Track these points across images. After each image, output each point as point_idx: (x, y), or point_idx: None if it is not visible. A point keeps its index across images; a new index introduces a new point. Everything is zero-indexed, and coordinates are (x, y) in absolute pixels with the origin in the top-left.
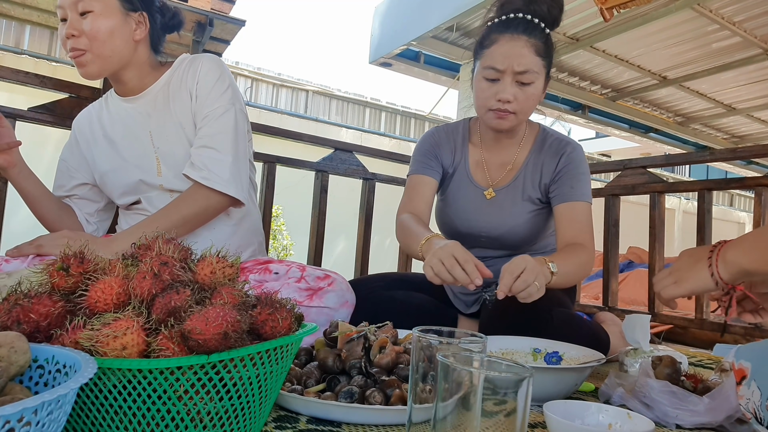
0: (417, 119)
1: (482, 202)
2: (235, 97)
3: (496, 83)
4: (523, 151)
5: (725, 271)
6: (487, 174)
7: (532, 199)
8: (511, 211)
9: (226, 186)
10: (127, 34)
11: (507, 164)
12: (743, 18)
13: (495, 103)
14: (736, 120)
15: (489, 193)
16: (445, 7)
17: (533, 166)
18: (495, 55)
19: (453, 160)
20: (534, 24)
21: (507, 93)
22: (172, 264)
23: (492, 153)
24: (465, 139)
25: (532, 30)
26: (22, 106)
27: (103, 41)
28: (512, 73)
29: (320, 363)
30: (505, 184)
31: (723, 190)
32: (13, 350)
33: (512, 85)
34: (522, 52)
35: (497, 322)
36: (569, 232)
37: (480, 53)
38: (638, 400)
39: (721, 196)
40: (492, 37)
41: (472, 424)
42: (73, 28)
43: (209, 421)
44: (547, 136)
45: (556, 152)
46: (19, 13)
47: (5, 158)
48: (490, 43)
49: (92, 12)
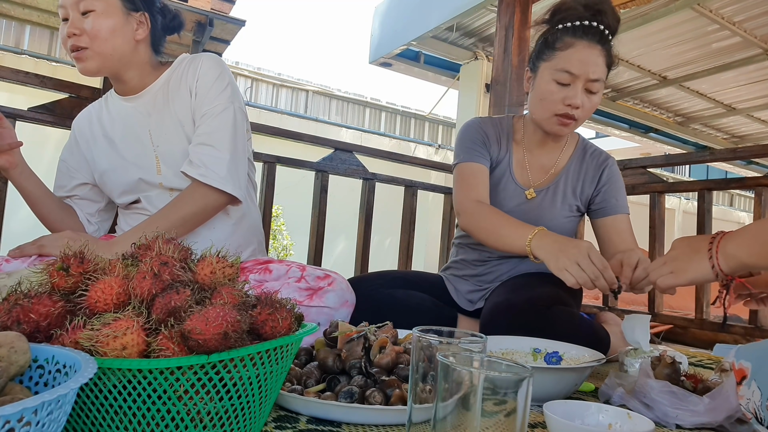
0: (417, 119)
1: (522, 201)
2: (234, 96)
3: (566, 88)
4: (564, 157)
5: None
6: (528, 174)
7: (570, 206)
8: (549, 213)
9: (223, 183)
10: (128, 33)
11: (548, 167)
12: (743, 18)
13: (563, 107)
14: (736, 120)
15: (530, 193)
16: (445, 7)
17: (574, 174)
18: (572, 60)
19: (498, 155)
20: (605, 35)
21: (577, 99)
22: (172, 264)
23: (534, 154)
24: (510, 136)
25: (605, 41)
26: (22, 106)
27: (105, 40)
28: (585, 80)
29: (320, 363)
30: (546, 186)
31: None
32: (13, 350)
33: (582, 92)
34: (597, 61)
35: (499, 320)
36: (622, 242)
37: (549, 55)
38: (638, 400)
39: (721, 196)
40: (566, 40)
41: (472, 424)
42: (74, 27)
43: (209, 421)
44: (587, 146)
45: (599, 165)
46: (19, 13)
47: (7, 159)
48: (564, 46)
49: (94, 11)
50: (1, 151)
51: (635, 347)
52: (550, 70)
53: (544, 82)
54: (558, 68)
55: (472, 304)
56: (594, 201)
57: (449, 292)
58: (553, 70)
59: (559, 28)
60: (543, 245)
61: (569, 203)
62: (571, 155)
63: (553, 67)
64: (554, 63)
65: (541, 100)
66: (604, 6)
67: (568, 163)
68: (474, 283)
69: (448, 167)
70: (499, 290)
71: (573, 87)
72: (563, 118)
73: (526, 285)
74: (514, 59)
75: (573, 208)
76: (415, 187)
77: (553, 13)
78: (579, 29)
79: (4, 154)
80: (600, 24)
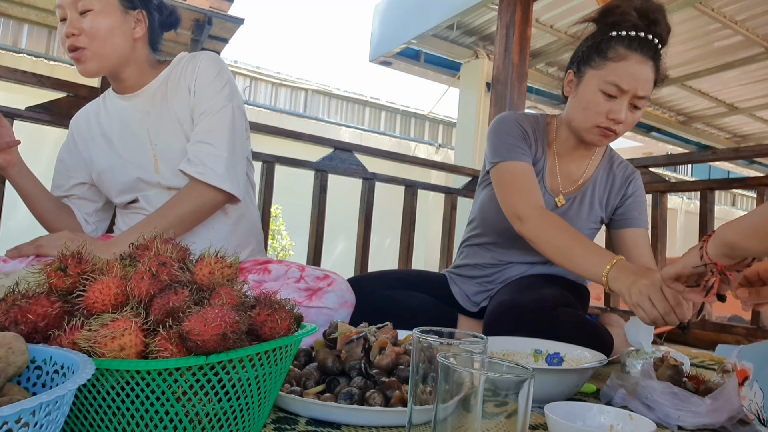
0: (417, 118)
1: (551, 207)
2: (232, 94)
3: (612, 100)
4: (593, 166)
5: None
6: (558, 180)
7: (596, 216)
8: (576, 223)
9: (220, 181)
10: (126, 32)
11: (577, 175)
12: (745, 17)
13: (606, 121)
14: (738, 119)
15: (560, 201)
16: (446, 6)
17: (602, 184)
18: (623, 74)
19: (535, 155)
20: (658, 49)
21: (622, 114)
22: (171, 264)
23: (564, 160)
24: (545, 137)
25: (657, 56)
26: (20, 105)
27: (103, 39)
28: (632, 95)
29: (320, 364)
30: (573, 195)
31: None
32: (11, 351)
33: (628, 107)
34: (648, 78)
35: (503, 320)
36: (639, 258)
37: (600, 63)
38: (640, 401)
39: (723, 196)
40: (620, 51)
41: (472, 426)
42: (73, 27)
43: (208, 422)
44: (614, 157)
45: (626, 177)
46: (17, 12)
47: (4, 157)
48: (618, 57)
49: (92, 10)
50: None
51: (637, 348)
52: (599, 80)
53: (590, 91)
54: (608, 80)
55: (475, 305)
56: (616, 212)
57: (452, 292)
58: (601, 81)
59: (612, 36)
60: (619, 278)
61: (595, 213)
62: (599, 165)
63: (602, 78)
64: (604, 73)
65: (584, 110)
66: (658, 16)
67: (595, 172)
68: (481, 283)
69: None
70: (504, 290)
71: (619, 101)
72: (605, 131)
73: (531, 285)
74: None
75: (598, 219)
76: (415, 187)
77: (604, 14)
78: (635, 41)
79: (2, 153)
80: (655, 37)
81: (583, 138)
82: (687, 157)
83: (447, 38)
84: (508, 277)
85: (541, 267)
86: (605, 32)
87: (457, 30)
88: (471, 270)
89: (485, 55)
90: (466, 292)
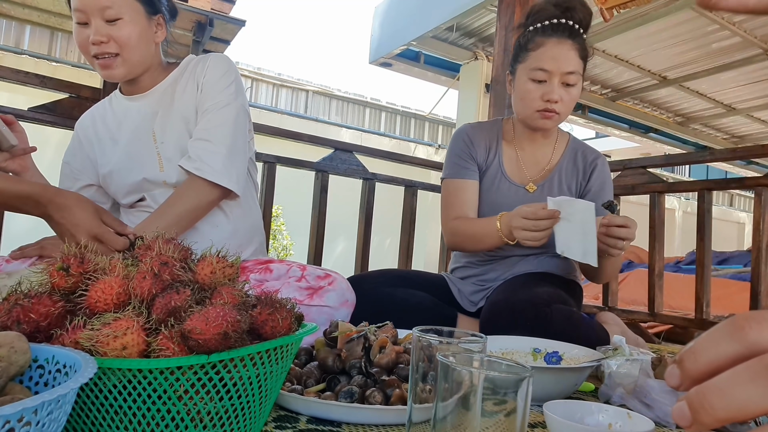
0: (417, 119)
1: (524, 196)
2: (238, 93)
3: (543, 85)
4: (557, 153)
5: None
6: (524, 171)
7: None
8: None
9: (218, 176)
10: (150, 37)
11: (543, 163)
12: (743, 18)
13: (542, 103)
14: (735, 120)
15: (531, 187)
16: (445, 7)
17: (568, 171)
18: (544, 58)
19: (487, 158)
20: (575, 29)
21: (555, 94)
22: (172, 264)
23: (527, 152)
24: (499, 138)
25: (576, 35)
26: (23, 106)
27: (135, 47)
28: (560, 74)
29: (320, 363)
30: (543, 181)
31: (723, 190)
32: (13, 350)
33: (559, 86)
34: (569, 55)
35: (498, 319)
36: None
37: (524, 56)
38: (638, 400)
39: (721, 196)
40: (537, 40)
41: (472, 424)
42: (101, 35)
43: (209, 421)
44: (578, 144)
45: (590, 163)
46: (20, 13)
47: (20, 164)
48: (535, 46)
49: (122, 19)
50: (15, 156)
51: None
52: (526, 70)
53: (522, 82)
54: (532, 67)
55: (474, 305)
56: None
57: (452, 292)
58: (528, 70)
59: (530, 30)
60: (504, 226)
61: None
62: (563, 153)
63: (528, 67)
64: (529, 63)
65: (522, 99)
66: (575, 3)
67: (561, 159)
68: (476, 283)
69: None
70: (499, 289)
71: (549, 83)
72: (544, 113)
73: (525, 284)
74: None
75: None
76: (415, 187)
77: (527, 16)
78: (548, 28)
79: (18, 159)
80: (569, 20)
81: (530, 125)
82: (685, 158)
83: (446, 40)
84: (500, 273)
85: (532, 260)
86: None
87: (456, 31)
88: (464, 270)
89: (484, 57)
90: (464, 291)
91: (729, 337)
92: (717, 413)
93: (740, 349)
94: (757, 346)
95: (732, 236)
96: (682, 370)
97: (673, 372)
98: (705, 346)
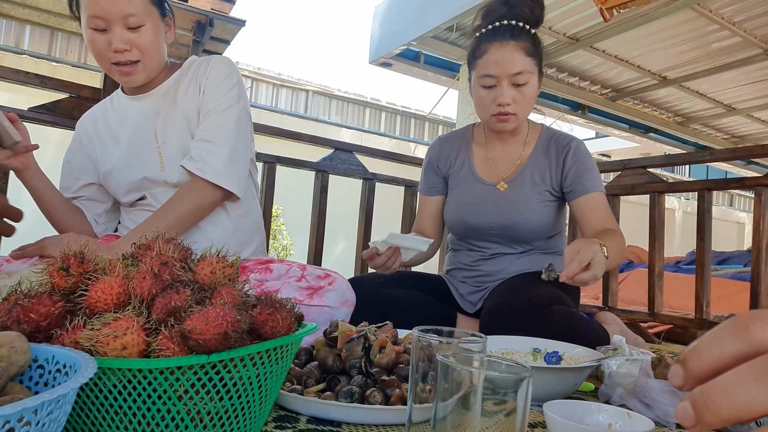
0: (417, 119)
1: (495, 194)
2: (240, 96)
3: (493, 89)
4: (529, 148)
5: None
6: (495, 170)
7: (540, 192)
8: (523, 202)
9: (219, 178)
10: (163, 40)
11: (514, 160)
12: (743, 18)
13: (495, 107)
14: (735, 120)
15: (502, 186)
16: (445, 7)
17: (540, 162)
18: (488, 64)
19: (455, 163)
20: (519, 27)
21: (505, 97)
22: (172, 264)
23: (498, 151)
24: (468, 142)
25: (518, 33)
26: (23, 106)
27: (156, 53)
28: (507, 77)
29: (320, 363)
30: (515, 177)
31: (723, 190)
32: (13, 350)
33: (509, 88)
34: (512, 57)
35: (498, 321)
36: (596, 220)
37: (473, 63)
38: (638, 399)
39: (720, 196)
40: (482, 47)
41: (472, 424)
42: (125, 43)
43: (209, 421)
44: (551, 135)
45: (562, 149)
46: (20, 13)
47: (22, 161)
48: (481, 53)
49: (144, 26)
50: (18, 153)
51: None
52: (476, 78)
53: (475, 90)
54: (480, 74)
55: (473, 306)
56: (565, 184)
57: (451, 292)
58: (477, 77)
59: (476, 37)
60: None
61: (538, 190)
62: (536, 145)
63: (477, 75)
64: (478, 71)
65: (478, 106)
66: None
67: (532, 153)
68: (472, 284)
69: None
70: (497, 291)
71: (499, 87)
72: (500, 116)
73: (524, 285)
74: None
75: (544, 194)
76: (415, 188)
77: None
78: (490, 33)
79: (20, 157)
80: (511, 20)
81: (491, 128)
82: (685, 158)
83: (446, 40)
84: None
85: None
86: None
87: (456, 32)
88: (460, 271)
89: None
90: (462, 292)
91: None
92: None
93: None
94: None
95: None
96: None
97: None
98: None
